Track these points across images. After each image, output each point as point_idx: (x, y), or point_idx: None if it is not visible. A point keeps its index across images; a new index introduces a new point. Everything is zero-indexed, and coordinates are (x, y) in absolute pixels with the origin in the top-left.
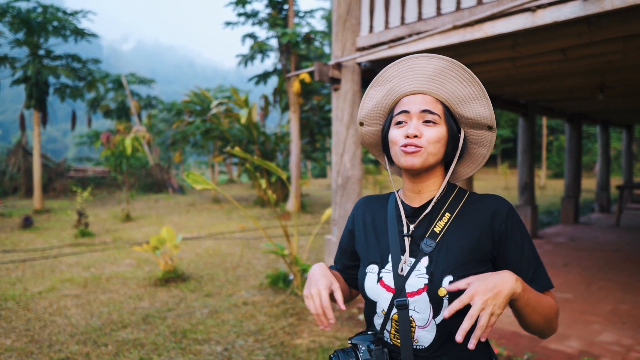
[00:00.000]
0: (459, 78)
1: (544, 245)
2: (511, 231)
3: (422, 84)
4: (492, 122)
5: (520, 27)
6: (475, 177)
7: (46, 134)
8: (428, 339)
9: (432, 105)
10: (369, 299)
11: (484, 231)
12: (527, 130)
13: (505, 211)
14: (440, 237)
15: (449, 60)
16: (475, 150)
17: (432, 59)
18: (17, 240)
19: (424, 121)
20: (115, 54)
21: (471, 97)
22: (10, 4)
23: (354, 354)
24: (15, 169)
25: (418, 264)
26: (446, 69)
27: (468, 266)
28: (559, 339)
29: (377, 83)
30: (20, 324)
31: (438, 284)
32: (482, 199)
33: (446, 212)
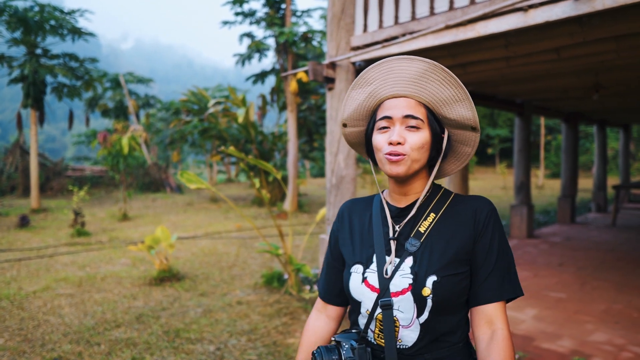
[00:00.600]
0: (440, 80)
1: (539, 245)
2: (486, 230)
3: (403, 87)
4: (476, 123)
5: (512, 27)
6: (474, 176)
7: (45, 133)
8: (412, 339)
9: (415, 109)
10: (354, 299)
11: (466, 231)
12: (523, 130)
13: (486, 211)
14: (424, 237)
15: (430, 63)
16: (460, 148)
17: (413, 62)
18: (13, 240)
19: (407, 126)
20: (114, 53)
21: (454, 99)
22: (7, 2)
23: (336, 352)
24: (12, 168)
25: (402, 263)
26: (428, 71)
27: (451, 266)
28: (551, 338)
29: (358, 84)
30: (13, 323)
31: (422, 284)
32: (466, 200)
33: (431, 213)
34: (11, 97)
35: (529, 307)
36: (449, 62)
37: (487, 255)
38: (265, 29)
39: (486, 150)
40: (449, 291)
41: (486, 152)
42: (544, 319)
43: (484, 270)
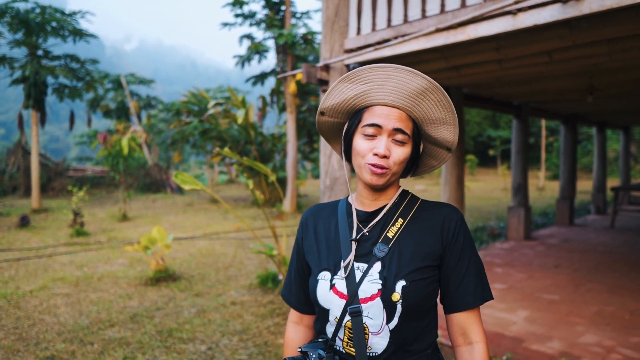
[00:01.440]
0: (436, 101)
1: (536, 247)
2: (455, 239)
3: (400, 100)
4: (454, 146)
5: (502, 30)
6: (475, 178)
7: (49, 133)
8: (382, 345)
9: (405, 123)
10: (321, 307)
11: (435, 237)
12: (520, 132)
13: (455, 219)
14: (393, 241)
15: (432, 83)
16: (427, 160)
17: (416, 77)
18: (13, 239)
19: (393, 139)
20: (117, 54)
21: (442, 121)
22: (9, 4)
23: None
24: (14, 169)
25: (371, 269)
26: (427, 90)
27: (420, 271)
28: (541, 339)
29: (349, 79)
30: (9, 322)
31: (392, 289)
32: (436, 207)
33: (399, 218)
34: (15, 97)
35: (521, 309)
36: (441, 65)
37: (459, 262)
38: (265, 31)
39: (487, 151)
40: (417, 296)
41: (487, 153)
42: (535, 321)
43: (457, 277)
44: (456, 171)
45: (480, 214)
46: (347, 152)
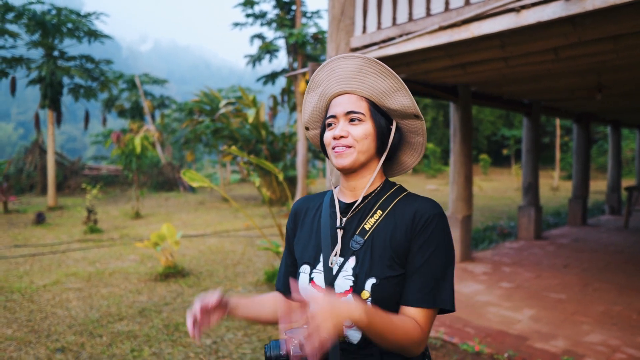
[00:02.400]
0: (377, 73)
1: (546, 247)
2: (422, 233)
3: (345, 84)
4: (416, 111)
5: (505, 28)
6: (489, 178)
7: (67, 133)
8: (356, 337)
9: (356, 104)
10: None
11: (404, 231)
12: (531, 131)
13: (428, 215)
14: (369, 234)
15: (364, 58)
16: (412, 138)
17: (351, 59)
18: (29, 236)
19: (349, 121)
20: (133, 55)
21: (391, 89)
22: (26, 6)
23: (285, 346)
24: (32, 167)
25: (346, 263)
26: (364, 66)
27: (391, 268)
28: (545, 338)
29: (311, 88)
30: (22, 315)
31: (361, 287)
32: (415, 200)
33: (378, 210)
34: (33, 98)
35: (526, 308)
36: (447, 63)
37: (416, 257)
38: (276, 30)
39: (501, 151)
40: (387, 293)
41: (501, 153)
42: (540, 320)
43: (409, 271)
44: (464, 170)
45: (492, 213)
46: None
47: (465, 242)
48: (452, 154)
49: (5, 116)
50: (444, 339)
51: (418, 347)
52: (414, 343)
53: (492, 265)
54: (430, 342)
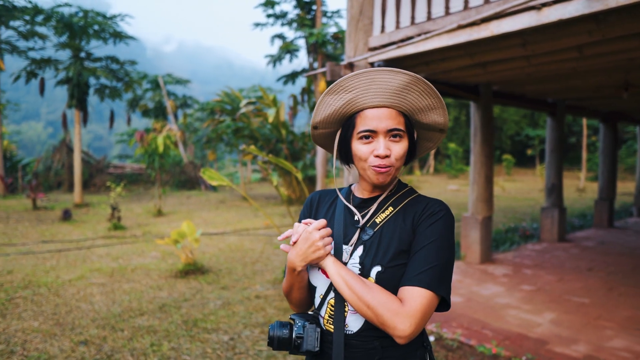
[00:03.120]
0: (420, 91)
1: (570, 249)
2: (424, 224)
3: (387, 99)
4: (445, 127)
5: (526, 26)
6: (512, 178)
7: (93, 132)
8: (357, 324)
9: (397, 120)
10: (310, 284)
11: (412, 221)
12: (555, 130)
13: (432, 209)
14: (378, 227)
15: (413, 76)
16: (423, 143)
17: (397, 75)
18: (55, 232)
19: (390, 138)
20: (158, 55)
21: (430, 107)
22: (55, 9)
23: (289, 327)
24: (59, 165)
25: (355, 252)
26: (410, 83)
27: (396, 258)
28: (566, 342)
29: (334, 91)
30: (48, 308)
31: (367, 274)
32: (425, 199)
33: (390, 206)
34: (62, 98)
35: (547, 311)
36: (467, 62)
37: (416, 243)
38: (296, 30)
39: (526, 151)
40: (391, 281)
41: (526, 153)
42: (561, 324)
43: (411, 256)
44: (484, 170)
45: (514, 214)
46: (347, 156)
47: (486, 243)
48: (472, 154)
49: (35, 115)
50: (461, 340)
51: (395, 322)
52: (391, 313)
53: (513, 267)
54: (446, 343)
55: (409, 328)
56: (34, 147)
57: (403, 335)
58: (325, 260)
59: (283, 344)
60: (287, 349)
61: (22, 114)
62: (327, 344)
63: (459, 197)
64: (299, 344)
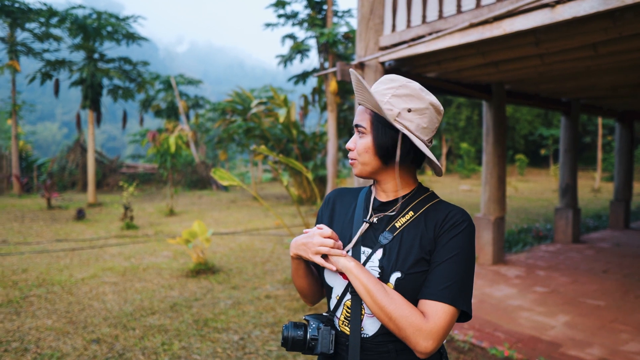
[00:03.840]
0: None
1: (585, 251)
2: (445, 234)
3: (358, 95)
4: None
5: (539, 24)
6: (525, 178)
7: (107, 132)
8: (373, 328)
9: (361, 116)
10: (327, 284)
11: (432, 231)
12: (569, 130)
13: (458, 218)
14: (398, 231)
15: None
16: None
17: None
18: (69, 231)
19: (358, 132)
20: (170, 56)
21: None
22: (69, 11)
23: (303, 329)
24: (73, 165)
25: (373, 255)
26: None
27: (416, 265)
28: (580, 345)
29: None
30: (62, 306)
31: (386, 279)
32: (447, 206)
33: (410, 211)
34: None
35: (561, 314)
36: (479, 61)
37: (438, 255)
38: (307, 30)
39: (539, 151)
40: (411, 288)
41: (539, 153)
42: (575, 326)
43: (432, 268)
44: (497, 170)
45: (527, 215)
46: None
47: (498, 244)
48: (485, 154)
49: (50, 116)
50: (473, 342)
51: (418, 338)
52: (414, 329)
53: (526, 269)
54: (458, 345)
55: (431, 346)
56: (49, 148)
57: (424, 352)
58: (347, 263)
59: (297, 345)
60: (300, 350)
61: (37, 114)
62: (341, 346)
63: (471, 197)
64: (313, 345)
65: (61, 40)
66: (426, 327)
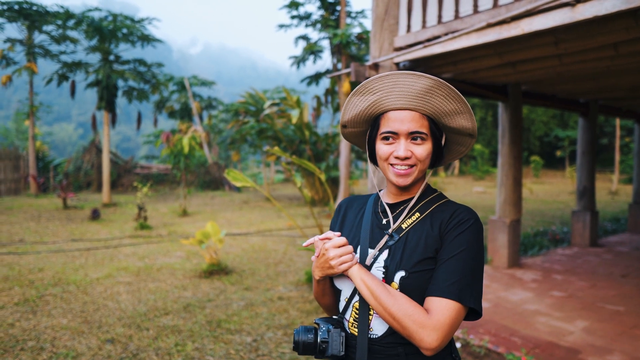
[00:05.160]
0: (444, 95)
1: (603, 254)
2: (452, 231)
3: (409, 102)
4: (474, 132)
5: (559, 23)
6: (540, 180)
7: (122, 133)
8: (382, 329)
9: (419, 123)
10: (335, 287)
11: (438, 230)
12: (587, 131)
13: (464, 216)
14: (404, 232)
15: (436, 80)
16: (455, 148)
17: (420, 78)
18: (84, 231)
19: (411, 140)
20: (184, 57)
21: (456, 112)
22: (85, 13)
23: (314, 332)
24: (89, 166)
25: (379, 256)
26: (433, 87)
27: (421, 264)
28: (599, 352)
29: (360, 92)
30: (77, 305)
31: (391, 279)
32: (454, 205)
33: (417, 212)
34: (92, 100)
35: (580, 319)
36: (495, 61)
37: (444, 251)
38: (320, 31)
39: (555, 152)
40: (416, 287)
41: (555, 154)
42: (594, 332)
43: (438, 266)
44: (512, 172)
45: (543, 217)
46: (372, 156)
47: (513, 247)
48: (500, 155)
49: (66, 117)
50: (489, 347)
51: (422, 334)
52: (417, 326)
53: (542, 273)
54: (473, 350)
55: (436, 341)
56: (65, 148)
57: (430, 347)
58: (352, 269)
59: (308, 349)
60: (312, 353)
61: (54, 115)
62: (352, 349)
63: (485, 199)
64: (324, 348)
65: (77, 42)
66: (429, 322)
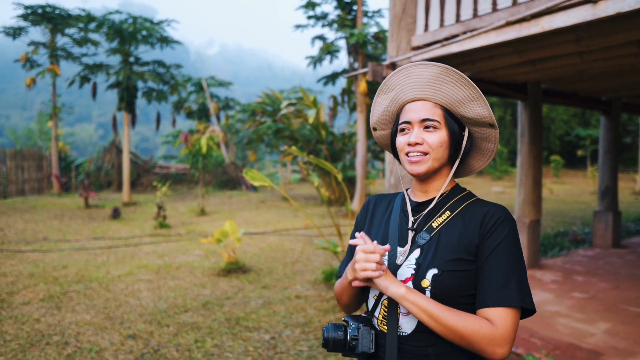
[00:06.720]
0: (454, 82)
1: (626, 256)
2: (492, 233)
3: (420, 91)
4: (492, 120)
5: (580, 20)
6: (561, 180)
7: (141, 133)
8: (410, 326)
9: (432, 111)
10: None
11: (474, 231)
12: (610, 130)
13: (497, 216)
14: (435, 231)
15: (442, 67)
16: (482, 145)
17: (427, 67)
18: (106, 229)
19: (424, 128)
20: (201, 58)
21: (468, 98)
22: (106, 16)
23: (343, 329)
24: (109, 166)
25: (410, 255)
26: (441, 74)
27: (454, 263)
28: (622, 354)
29: (382, 91)
30: (100, 302)
31: (423, 276)
32: (485, 205)
33: (447, 211)
34: (112, 101)
35: (602, 321)
36: (515, 60)
37: (488, 258)
38: (337, 31)
39: (576, 152)
40: (447, 286)
41: (576, 154)
42: (617, 334)
43: (483, 273)
44: (532, 172)
45: (563, 218)
46: (395, 152)
47: (533, 248)
48: (519, 155)
49: (87, 118)
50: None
51: (494, 347)
52: (488, 340)
53: (562, 274)
54: None
55: (507, 351)
56: (86, 148)
57: (501, 358)
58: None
59: (338, 346)
60: (341, 350)
61: (75, 116)
62: (381, 347)
63: (503, 199)
64: (354, 345)
65: (99, 44)
66: (498, 334)
